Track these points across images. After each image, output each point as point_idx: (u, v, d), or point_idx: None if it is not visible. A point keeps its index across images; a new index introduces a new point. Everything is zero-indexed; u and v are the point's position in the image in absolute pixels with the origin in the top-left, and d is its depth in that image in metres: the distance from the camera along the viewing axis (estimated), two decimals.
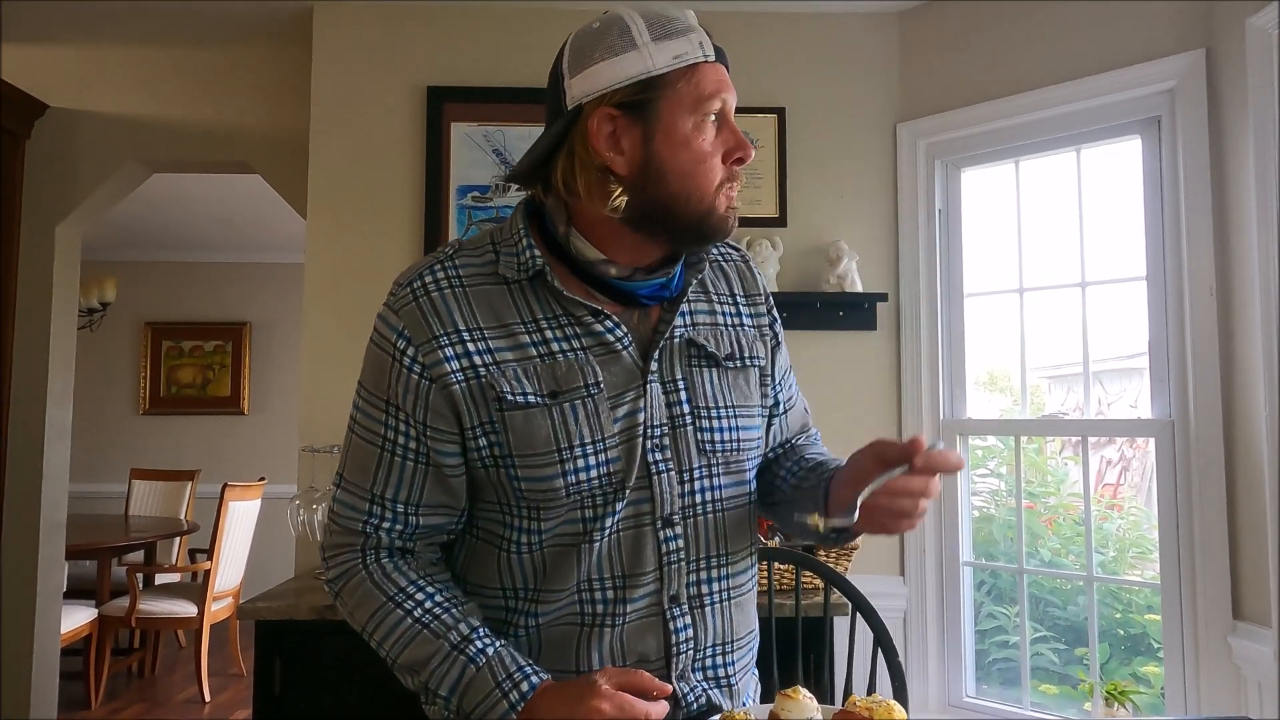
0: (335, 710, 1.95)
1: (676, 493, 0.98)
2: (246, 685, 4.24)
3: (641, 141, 0.93)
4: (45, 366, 2.86)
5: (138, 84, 2.89)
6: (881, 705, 0.88)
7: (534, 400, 0.93)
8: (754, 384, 1.06)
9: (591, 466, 0.94)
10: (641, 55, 0.92)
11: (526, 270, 0.96)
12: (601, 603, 0.97)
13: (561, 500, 0.94)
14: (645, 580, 0.97)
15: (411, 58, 2.60)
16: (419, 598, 0.95)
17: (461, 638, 0.92)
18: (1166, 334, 2.12)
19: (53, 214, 2.88)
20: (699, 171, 0.94)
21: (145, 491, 5.09)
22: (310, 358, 2.53)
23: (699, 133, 0.93)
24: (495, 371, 0.93)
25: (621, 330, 0.96)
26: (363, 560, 0.98)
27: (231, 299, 6.11)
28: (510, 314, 0.96)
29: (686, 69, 0.92)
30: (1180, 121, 2.09)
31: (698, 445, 0.99)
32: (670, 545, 0.98)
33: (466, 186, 2.55)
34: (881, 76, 2.63)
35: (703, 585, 1.00)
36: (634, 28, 0.92)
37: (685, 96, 0.93)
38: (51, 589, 2.89)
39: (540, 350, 0.95)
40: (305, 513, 2.36)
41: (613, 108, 0.92)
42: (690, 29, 0.94)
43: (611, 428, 0.94)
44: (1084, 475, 2.32)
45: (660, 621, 0.98)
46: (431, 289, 0.96)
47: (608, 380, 0.95)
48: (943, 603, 2.45)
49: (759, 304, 1.11)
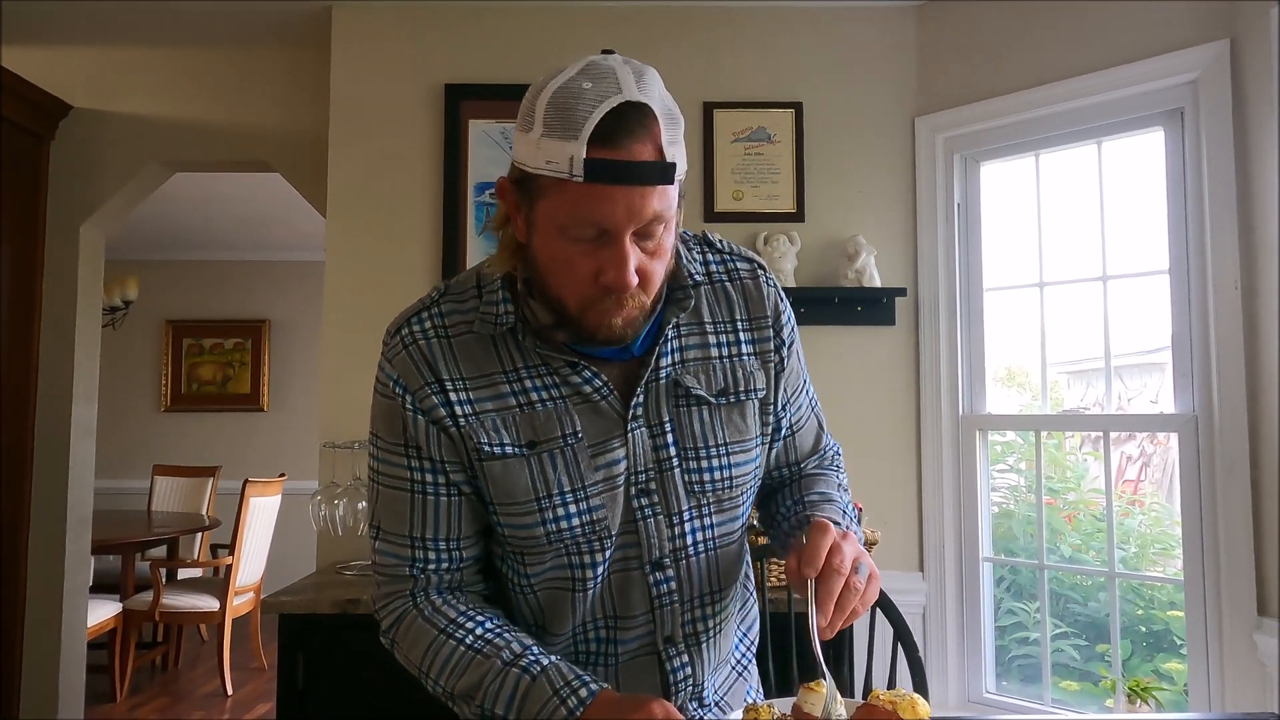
0: (358, 704, 1.97)
1: (665, 536, 0.97)
2: (268, 679, 4.29)
3: (525, 225, 0.89)
4: (70, 365, 2.90)
5: (159, 85, 2.92)
6: (905, 699, 0.88)
7: (511, 451, 0.93)
8: (751, 417, 1.00)
9: (572, 515, 0.93)
10: (528, 145, 0.84)
11: (501, 325, 0.94)
12: (596, 641, 0.98)
13: (544, 547, 0.94)
14: (636, 622, 0.98)
15: (429, 56, 2.61)
16: (469, 626, 0.94)
17: (514, 655, 0.90)
18: (1190, 328, 2.10)
19: (77, 214, 2.91)
20: (563, 280, 0.87)
21: (167, 488, 5.15)
22: (330, 355, 2.55)
23: (565, 244, 0.85)
24: (474, 422, 0.93)
25: (600, 380, 0.94)
26: (414, 601, 0.97)
27: (250, 297, 6.16)
28: (492, 364, 0.94)
29: (555, 180, 0.82)
30: (1204, 113, 2.06)
31: (685, 487, 0.96)
32: (662, 588, 0.98)
33: (484, 183, 2.56)
34: (899, 70, 2.61)
35: (698, 623, 1.00)
36: (537, 108, 0.83)
37: (554, 206, 0.84)
38: (78, 584, 2.93)
39: (520, 400, 0.94)
40: (326, 508, 2.38)
41: (510, 180, 0.89)
42: (575, 135, 0.80)
43: (593, 475, 0.93)
44: (1106, 470, 2.30)
45: (655, 662, 0.99)
46: (420, 337, 0.95)
47: (587, 429, 0.94)
48: (962, 599, 2.44)
49: (764, 326, 1.02)
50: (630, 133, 0.81)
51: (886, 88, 2.61)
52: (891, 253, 2.56)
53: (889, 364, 2.55)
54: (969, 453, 2.46)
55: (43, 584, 2.81)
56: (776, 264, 2.46)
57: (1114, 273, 2.29)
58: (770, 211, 2.56)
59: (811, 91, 2.61)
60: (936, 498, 2.48)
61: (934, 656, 2.42)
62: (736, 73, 2.62)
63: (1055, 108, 2.31)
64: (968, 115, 2.47)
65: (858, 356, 2.54)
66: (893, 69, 2.61)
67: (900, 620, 1.55)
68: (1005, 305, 2.52)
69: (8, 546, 2.72)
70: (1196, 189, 2.09)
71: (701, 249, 1.03)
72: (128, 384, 6.01)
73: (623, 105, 0.81)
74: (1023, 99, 2.36)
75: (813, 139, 2.59)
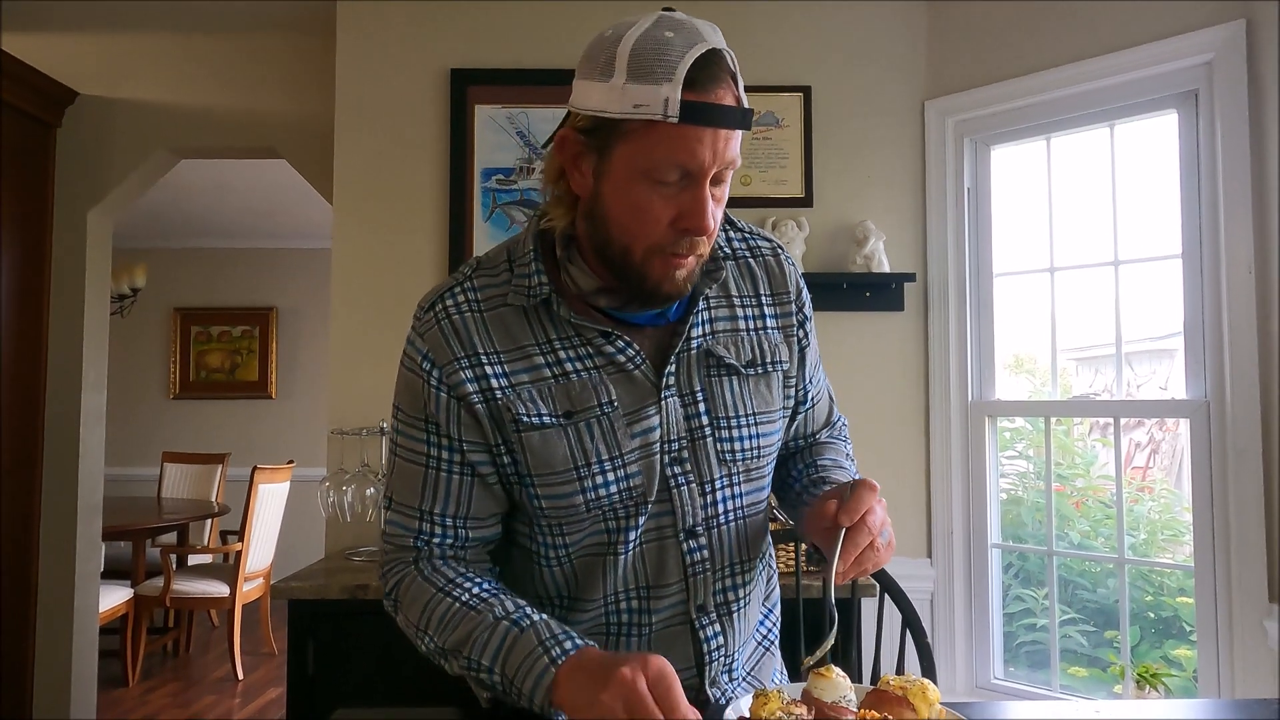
0: (368, 688, 1.98)
1: (699, 504, 0.98)
2: (278, 664, 4.32)
3: (594, 174, 0.90)
4: (79, 352, 2.91)
5: (166, 71, 2.92)
6: (915, 684, 0.88)
7: (549, 421, 0.94)
8: (776, 389, 1.03)
9: (611, 483, 0.94)
10: (608, 91, 0.85)
11: (535, 297, 0.95)
12: (627, 612, 0.98)
13: (583, 516, 0.95)
14: (670, 591, 0.98)
15: (434, 40, 2.60)
16: (467, 585, 0.95)
17: (506, 611, 0.91)
18: (1203, 313, 2.08)
19: (84, 201, 2.91)
20: (636, 228, 0.88)
21: (177, 475, 5.18)
22: (338, 342, 2.55)
23: (647, 188, 0.87)
24: (511, 394, 0.94)
25: (633, 349, 0.95)
26: (416, 566, 0.99)
27: (258, 285, 6.17)
28: (525, 336, 0.96)
29: (644, 123, 0.84)
30: (1218, 95, 2.04)
31: (718, 455, 0.98)
32: (695, 556, 0.98)
33: (491, 169, 2.55)
34: (909, 53, 2.59)
35: (729, 592, 1.01)
36: (619, 57, 0.84)
37: (637, 150, 0.85)
38: (90, 570, 2.95)
39: (555, 371, 0.95)
40: (335, 494, 2.39)
41: (577, 130, 0.89)
42: (669, 78, 0.83)
43: (630, 443, 0.94)
44: (1116, 457, 2.29)
45: (688, 630, 0.99)
46: (453, 312, 0.96)
47: (622, 398, 0.95)
48: (970, 585, 2.44)
49: (786, 302, 1.06)
50: (716, 78, 0.85)
51: (896, 71, 2.59)
52: (901, 238, 2.54)
53: (898, 350, 2.54)
54: (978, 439, 2.45)
55: (54, 570, 2.83)
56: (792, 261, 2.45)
57: (1126, 257, 2.27)
58: (779, 196, 2.55)
59: (820, 75, 2.58)
60: (945, 484, 2.47)
61: (942, 642, 2.42)
62: (745, 57, 2.56)
63: (1067, 90, 2.29)
64: (978, 98, 2.44)
65: (866, 343, 2.53)
66: (902, 52, 2.59)
67: (909, 606, 1.55)
68: (1015, 291, 2.50)
69: (19, 532, 2.74)
70: (1210, 172, 2.06)
71: (724, 227, 1.06)
72: (137, 371, 6.04)
73: (709, 52, 0.85)
74: (1034, 81, 2.33)
75: (822, 123, 2.57)
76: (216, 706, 3.85)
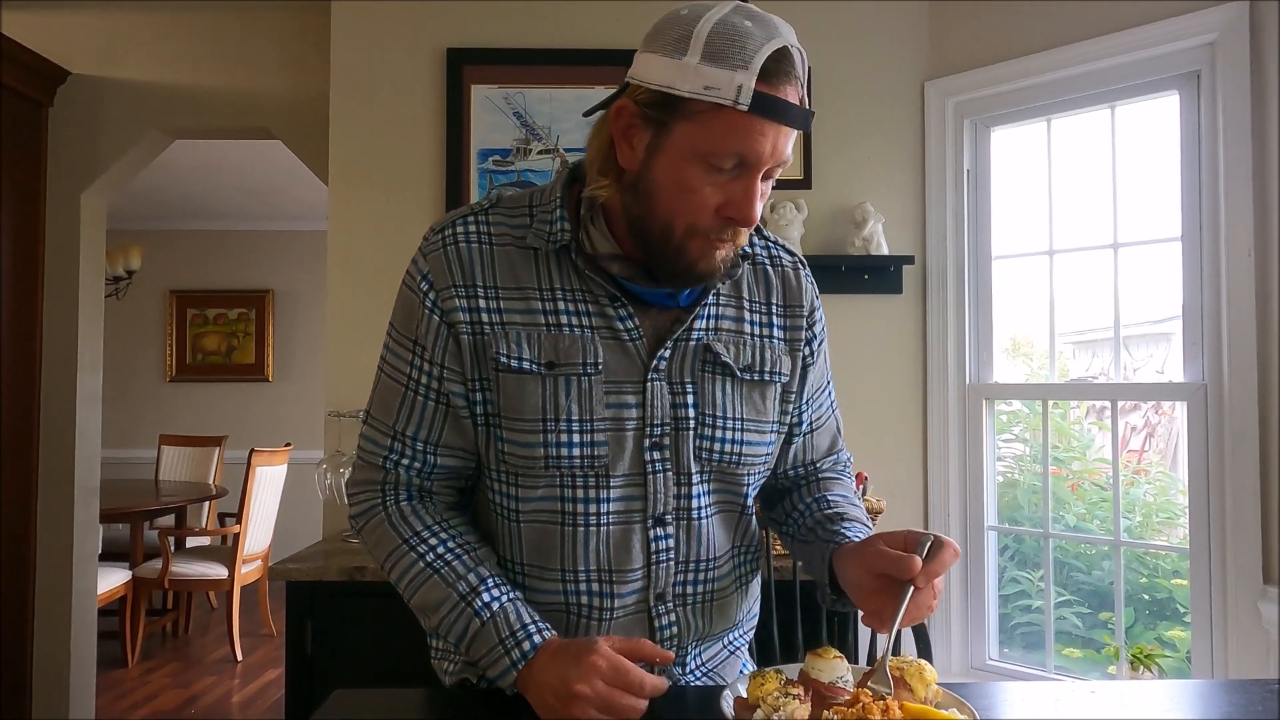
0: (366, 669, 1.99)
1: (672, 494, 0.97)
2: (277, 645, 4.34)
3: (647, 149, 0.89)
4: (75, 334, 2.89)
5: (158, 51, 2.88)
6: (912, 665, 0.88)
7: (529, 368, 0.94)
8: (771, 401, 1.02)
9: (574, 445, 0.94)
10: (679, 68, 0.85)
11: (554, 241, 0.95)
12: (588, 595, 0.97)
13: (539, 472, 0.95)
14: (632, 577, 0.98)
15: (430, 19, 2.57)
16: (432, 542, 0.97)
17: (470, 588, 0.93)
18: (1201, 297, 2.07)
19: (77, 181, 2.89)
20: (682, 207, 0.89)
21: (174, 457, 5.18)
22: (335, 324, 2.54)
23: (701, 171, 0.87)
24: (498, 331, 0.94)
25: (633, 322, 0.95)
26: (383, 500, 1.01)
27: (253, 267, 6.15)
28: (529, 278, 0.96)
29: (711, 106, 0.84)
30: (1220, 77, 2.02)
31: (694, 452, 0.97)
32: (660, 544, 0.98)
33: (487, 150, 2.53)
34: (909, 34, 2.56)
35: (688, 585, 1.00)
36: (696, 36, 0.85)
37: (699, 132, 0.86)
38: (87, 551, 2.95)
39: (549, 320, 0.95)
40: (332, 476, 2.39)
41: (636, 103, 0.89)
42: (745, 65, 0.83)
43: (602, 411, 0.94)
44: (1113, 440, 2.30)
45: (646, 619, 0.99)
46: (460, 239, 0.97)
47: (608, 365, 0.95)
48: (967, 567, 2.45)
49: (797, 316, 1.05)
50: (788, 75, 0.87)
51: (896, 52, 2.56)
52: (899, 220, 2.53)
53: (896, 332, 2.54)
54: (975, 422, 2.45)
55: (52, 552, 2.83)
56: (783, 231, 2.44)
57: (1125, 240, 2.26)
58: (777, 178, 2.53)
59: (819, 56, 2.56)
60: (942, 466, 2.48)
61: (938, 624, 2.44)
62: None
63: (1068, 71, 2.27)
64: (979, 79, 2.43)
65: (864, 325, 2.53)
66: (902, 32, 2.56)
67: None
68: (1013, 274, 2.50)
69: (17, 515, 2.74)
70: (1211, 154, 2.05)
71: None
72: (133, 354, 6.02)
73: (784, 49, 0.86)
74: (1035, 62, 2.31)
75: (820, 104, 2.55)
76: (216, 687, 3.87)
